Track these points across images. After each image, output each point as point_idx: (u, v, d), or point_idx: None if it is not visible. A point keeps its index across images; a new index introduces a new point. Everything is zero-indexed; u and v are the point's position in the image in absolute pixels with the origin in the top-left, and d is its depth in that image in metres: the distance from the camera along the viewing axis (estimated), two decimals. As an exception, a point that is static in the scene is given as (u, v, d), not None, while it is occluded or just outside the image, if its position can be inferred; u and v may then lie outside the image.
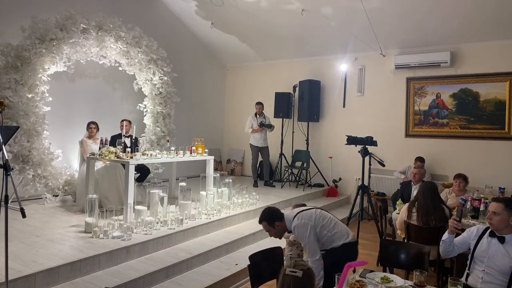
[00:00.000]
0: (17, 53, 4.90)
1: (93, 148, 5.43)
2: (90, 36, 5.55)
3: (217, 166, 8.82)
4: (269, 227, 2.90)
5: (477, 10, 5.73)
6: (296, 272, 1.73)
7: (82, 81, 6.40)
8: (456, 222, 2.65)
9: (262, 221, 2.92)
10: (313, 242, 2.81)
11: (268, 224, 2.89)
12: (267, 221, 2.90)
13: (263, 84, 8.81)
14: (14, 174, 4.81)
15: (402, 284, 2.22)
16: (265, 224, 2.91)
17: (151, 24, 7.17)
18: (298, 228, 2.83)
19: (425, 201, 3.66)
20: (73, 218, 4.57)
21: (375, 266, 4.14)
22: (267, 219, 2.90)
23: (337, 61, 7.79)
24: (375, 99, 7.42)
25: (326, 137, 8.02)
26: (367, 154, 3.72)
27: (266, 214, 2.93)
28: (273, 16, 7.10)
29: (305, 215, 2.88)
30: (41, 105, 5.18)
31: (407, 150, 6.90)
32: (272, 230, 2.91)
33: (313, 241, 2.81)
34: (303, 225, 2.82)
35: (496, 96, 6.30)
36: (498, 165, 6.18)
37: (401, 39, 6.84)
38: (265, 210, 2.97)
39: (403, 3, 5.97)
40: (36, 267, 3.04)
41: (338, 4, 6.38)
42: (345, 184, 7.68)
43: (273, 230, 2.91)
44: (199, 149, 5.50)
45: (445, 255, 2.80)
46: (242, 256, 4.04)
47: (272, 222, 2.88)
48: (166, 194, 4.60)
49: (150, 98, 6.71)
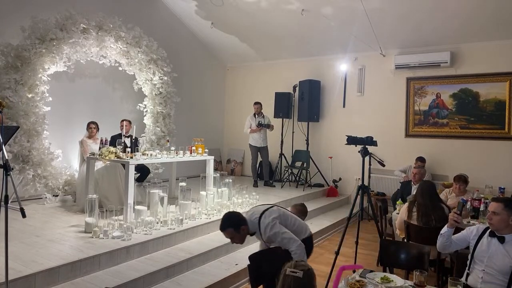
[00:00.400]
0: (17, 53, 4.90)
1: (93, 148, 5.43)
2: (90, 36, 5.55)
3: (217, 166, 8.82)
4: (235, 232, 2.73)
5: (477, 10, 5.73)
6: (296, 273, 1.73)
7: (82, 81, 6.40)
8: (457, 216, 2.65)
9: (227, 227, 2.73)
10: (288, 232, 2.77)
11: (235, 229, 2.72)
12: (233, 227, 2.72)
13: (263, 84, 8.82)
14: (14, 174, 4.81)
15: (402, 284, 2.22)
16: (231, 231, 2.73)
17: (151, 24, 7.17)
18: (271, 226, 2.74)
19: (424, 200, 3.65)
20: (73, 218, 4.57)
21: (375, 266, 4.14)
22: (233, 225, 2.73)
23: (337, 61, 7.79)
24: (375, 99, 7.42)
25: (326, 137, 8.02)
26: (367, 154, 3.71)
27: (231, 219, 2.76)
28: (273, 16, 7.10)
29: (271, 212, 2.83)
30: (41, 105, 5.18)
31: (407, 150, 6.90)
32: (237, 236, 2.75)
33: (287, 231, 2.78)
34: (274, 223, 2.76)
35: (496, 96, 6.30)
36: (498, 165, 6.18)
37: (401, 39, 6.84)
38: (228, 216, 2.81)
39: (403, 3, 5.97)
40: (36, 267, 3.04)
41: (338, 4, 6.38)
42: (345, 184, 7.68)
43: (238, 236, 2.75)
44: (199, 149, 5.50)
45: (441, 250, 2.79)
46: (242, 256, 4.04)
47: (238, 227, 2.73)
48: (166, 194, 4.60)
49: (150, 98, 6.72)
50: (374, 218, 3.94)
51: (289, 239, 2.73)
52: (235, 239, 2.77)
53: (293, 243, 2.72)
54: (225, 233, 2.74)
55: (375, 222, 3.88)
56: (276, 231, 2.73)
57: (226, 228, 2.72)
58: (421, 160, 6.17)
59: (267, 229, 2.74)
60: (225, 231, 2.73)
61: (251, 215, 2.84)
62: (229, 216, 2.80)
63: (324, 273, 3.80)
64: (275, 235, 2.74)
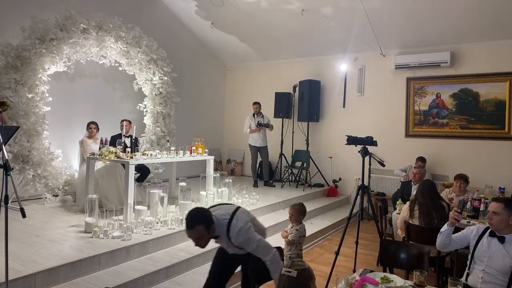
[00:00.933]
0: (17, 53, 4.90)
1: (93, 148, 5.43)
2: (90, 36, 5.55)
3: (217, 166, 8.82)
4: (205, 231, 2.25)
5: (477, 10, 5.73)
6: (290, 272, 1.73)
7: (82, 81, 6.40)
8: (457, 214, 2.65)
9: (197, 224, 2.24)
10: (263, 239, 2.44)
11: (206, 227, 2.25)
12: (204, 224, 2.25)
13: (263, 84, 8.82)
14: (14, 174, 4.81)
15: (402, 284, 2.22)
16: (201, 229, 2.24)
17: (151, 24, 7.17)
18: (245, 231, 2.36)
19: (424, 200, 3.66)
20: (73, 218, 4.57)
21: (375, 266, 4.14)
22: (203, 222, 2.25)
23: (337, 61, 7.79)
24: (375, 99, 7.42)
25: (326, 137, 8.02)
26: (367, 154, 3.71)
27: (203, 216, 2.30)
28: (273, 16, 7.10)
29: (243, 214, 2.45)
30: (41, 105, 5.18)
31: (407, 150, 6.90)
32: (206, 236, 2.27)
33: (262, 238, 2.44)
34: (248, 227, 2.38)
35: (496, 96, 6.30)
36: (498, 165, 6.18)
37: (401, 39, 6.84)
38: (197, 212, 2.33)
39: (403, 3, 5.97)
40: (36, 267, 3.04)
41: (338, 4, 6.38)
42: (345, 184, 7.68)
43: (207, 236, 2.28)
44: (199, 149, 5.51)
45: (441, 248, 2.80)
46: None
47: (209, 225, 2.26)
48: (166, 194, 4.60)
49: (150, 98, 6.71)
50: (374, 218, 3.94)
51: (264, 247, 2.39)
52: (202, 240, 2.28)
53: (268, 252, 2.38)
54: (193, 232, 2.24)
55: (375, 222, 3.88)
56: (250, 237, 2.36)
57: (196, 226, 2.22)
58: (422, 160, 6.17)
59: (240, 233, 2.33)
60: (194, 229, 2.23)
61: (219, 215, 2.39)
62: (198, 212, 2.32)
63: (324, 273, 3.81)
64: (248, 242, 2.36)
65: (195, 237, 2.26)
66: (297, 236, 3.37)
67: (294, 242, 3.37)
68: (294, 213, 3.46)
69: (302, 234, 3.41)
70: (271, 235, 4.97)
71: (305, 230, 3.46)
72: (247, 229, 2.36)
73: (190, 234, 2.27)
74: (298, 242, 3.39)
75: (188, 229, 2.26)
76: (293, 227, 3.44)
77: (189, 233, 2.27)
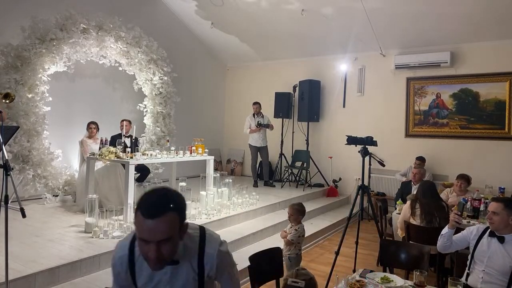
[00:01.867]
0: (17, 53, 4.90)
1: (93, 148, 5.43)
2: (90, 36, 5.55)
3: (217, 166, 8.82)
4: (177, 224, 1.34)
5: (477, 10, 5.73)
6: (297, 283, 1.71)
7: (82, 81, 6.40)
8: (458, 217, 2.66)
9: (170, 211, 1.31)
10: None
11: (179, 215, 1.35)
12: (178, 212, 1.34)
13: (263, 84, 8.82)
14: (14, 174, 4.81)
15: (402, 284, 2.22)
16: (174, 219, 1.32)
17: (151, 24, 7.17)
18: (229, 255, 1.64)
19: (426, 200, 3.67)
20: (73, 218, 4.57)
21: (375, 266, 4.14)
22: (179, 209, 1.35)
23: (337, 61, 7.79)
24: (375, 99, 7.42)
25: (326, 137, 8.02)
26: (367, 154, 3.71)
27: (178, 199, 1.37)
28: (273, 16, 7.10)
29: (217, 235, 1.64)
30: (41, 105, 5.18)
31: (407, 150, 6.90)
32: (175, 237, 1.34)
33: None
34: (230, 253, 1.68)
35: (496, 96, 6.30)
36: (498, 165, 6.18)
37: (401, 39, 6.84)
38: (166, 193, 1.37)
39: (403, 3, 5.97)
40: (36, 267, 3.04)
41: (338, 4, 6.38)
42: (345, 184, 7.68)
43: (176, 239, 1.35)
44: (199, 149, 5.51)
45: (441, 250, 2.80)
46: (242, 256, 4.01)
47: (184, 216, 1.39)
48: (166, 194, 4.59)
49: (150, 98, 6.72)
50: (374, 218, 3.94)
51: (237, 280, 1.70)
52: (168, 247, 1.32)
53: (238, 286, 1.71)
54: (161, 222, 1.28)
55: (375, 222, 3.88)
56: (231, 263, 1.67)
57: (168, 212, 1.30)
58: (421, 160, 6.17)
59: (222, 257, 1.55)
60: (164, 217, 1.28)
61: (189, 231, 1.50)
62: (167, 193, 1.36)
63: (324, 273, 3.81)
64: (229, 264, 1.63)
65: (161, 231, 1.27)
66: (296, 236, 3.37)
67: (293, 242, 3.37)
68: (293, 213, 3.46)
69: (301, 234, 3.41)
70: (270, 235, 4.98)
71: (304, 230, 3.47)
72: (229, 252, 1.62)
73: (153, 227, 1.26)
74: (297, 242, 3.40)
75: (153, 218, 1.26)
76: (292, 227, 3.44)
77: (151, 227, 1.26)
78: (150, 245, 1.30)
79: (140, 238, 1.31)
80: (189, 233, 1.48)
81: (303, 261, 3.66)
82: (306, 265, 4.33)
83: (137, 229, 1.32)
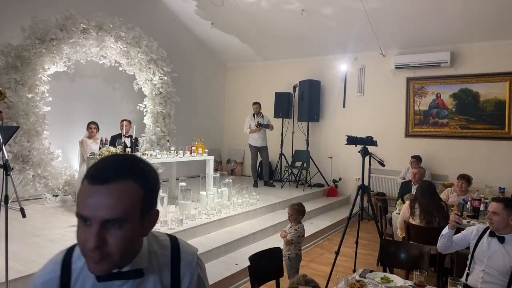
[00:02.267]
0: (17, 53, 4.90)
1: (93, 148, 5.43)
2: (90, 36, 5.55)
3: (217, 166, 8.82)
4: (134, 202, 0.92)
5: (477, 10, 5.73)
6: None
7: (82, 81, 6.40)
8: (458, 217, 2.66)
9: (128, 177, 0.92)
10: None
11: (142, 188, 0.94)
12: (140, 183, 0.94)
13: (263, 84, 8.82)
14: (14, 174, 4.80)
15: (402, 284, 2.22)
16: (130, 188, 0.91)
17: (151, 24, 7.17)
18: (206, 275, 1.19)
19: (425, 199, 3.67)
20: (73, 218, 4.47)
21: (375, 266, 4.14)
22: (141, 178, 0.95)
23: (337, 61, 7.79)
24: (375, 99, 7.42)
25: (326, 137, 8.02)
26: (367, 154, 3.71)
27: (141, 166, 0.98)
28: (273, 16, 7.10)
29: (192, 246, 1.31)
30: (41, 105, 5.18)
31: (407, 150, 6.89)
32: (132, 223, 0.91)
33: None
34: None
35: (496, 96, 6.30)
36: (498, 165, 6.18)
37: (401, 39, 6.84)
38: (135, 158, 1.00)
39: (403, 3, 5.97)
40: (36, 267, 3.03)
41: (338, 4, 6.38)
42: (345, 184, 7.68)
43: (128, 229, 0.91)
44: (199, 149, 5.51)
45: (442, 250, 2.80)
46: (242, 256, 4.04)
47: (151, 197, 1.00)
48: (166, 194, 4.60)
49: (150, 98, 6.71)
50: (374, 218, 3.94)
51: None
52: (122, 232, 0.90)
53: None
54: (111, 190, 0.89)
55: (375, 222, 3.88)
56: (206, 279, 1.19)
57: (123, 178, 0.91)
58: (417, 158, 6.18)
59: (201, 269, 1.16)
60: (115, 184, 0.90)
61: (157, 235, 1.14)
62: (127, 157, 1.01)
63: (324, 273, 3.81)
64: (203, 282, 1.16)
65: (108, 213, 0.88)
66: (296, 236, 3.37)
67: (293, 242, 3.37)
68: (293, 213, 3.46)
69: (301, 234, 3.41)
70: (270, 235, 4.98)
71: (304, 230, 3.47)
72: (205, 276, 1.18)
73: (98, 197, 0.88)
74: (297, 242, 3.40)
75: (101, 183, 0.89)
76: (292, 226, 3.44)
77: (94, 196, 0.88)
78: (91, 227, 0.86)
79: (80, 215, 0.88)
80: (157, 236, 1.10)
81: (303, 261, 3.66)
82: (306, 265, 4.33)
83: (78, 204, 0.90)
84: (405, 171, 6.53)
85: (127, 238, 0.90)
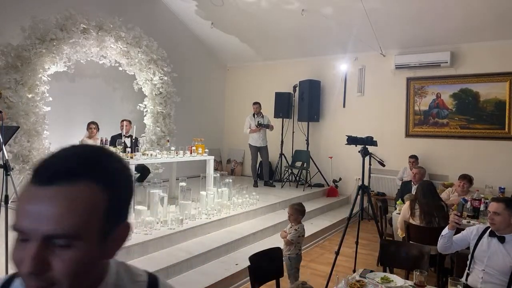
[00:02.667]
0: (17, 53, 4.90)
1: (93, 148, 5.42)
2: (90, 36, 5.55)
3: (217, 166, 8.81)
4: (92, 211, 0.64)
5: (477, 10, 5.73)
6: None
7: (82, 81, 6.40)
8: (458, 217, 2.66)
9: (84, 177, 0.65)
10: None
11: (105, 192, 0.66)
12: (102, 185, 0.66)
13: (263, 84, 8.82)
14: (14, 174, 4.80)
15: (402, 284, 2.22)
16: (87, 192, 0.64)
17: (151, 24, 7.17)
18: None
19: (425, 200, 3.67)
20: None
21: (375, 266, 4.14)
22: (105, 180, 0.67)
23: (337, 61, 7.79)
24: (375, 99, 7.42)
25: (326, 137, 8.02)
26: (367, 154, 3.71)
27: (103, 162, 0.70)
28: (273, 16, 7.10)
29: None
30: (41, 105, 5.17)
31: (407, 150, 6.89)
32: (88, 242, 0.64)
33: None
34: None
35: (496, 96, 6.30)
36: (498, 165, 6.18)
37: (401, 39, 6.84)
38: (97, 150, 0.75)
39: (403, 3, 5.97)
40: (36, 267, 3.03)
41: (338, 4, 6.38)
42: (345, 184, 7.68)
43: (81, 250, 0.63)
44: (199, 149, 5.51)
45: (442, 251, 2.80)
46: (242, 256, 4.04)
47: (120, 206, 0.70)
48: (166, 194, 4.60)
49: (150, 98, 6.71)
50: (374, 218, 3.94)
51: None
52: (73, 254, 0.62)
53: None
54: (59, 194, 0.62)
55: (375, 222, 3.88)
56: None
57: (78, 179, 0.64)
58: (415, 158, 6.19)
59: None
60: (66, 187, 0.63)
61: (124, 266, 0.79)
62: (86, 150, 0.75)
63: (324, 273, 3.81)
64: None
65: (51, 226, 0.61)
66: (296, 236, 3.37)
67: (293, 242, 3.37)
68: (293, 213, 3.46)
69: (301, 234, 3.41)
70: (270, 235, 4.98)
71: (304, 230, 3.47)
72: None
73: (40, 204, 0.62)
74: (297, 242, 3.40)
75: (46, 184, 0.63)
76: (292, 227, 3.44)
77: (36, 202, 0.62)
78: (29, 245, 0.62)
79: (16, 229, 0.64)
80: (131, 269, 0.80)
81: (303, 261, 3.66)
82: (306, 265, 4.33)
83: (14, 212, 0.68)
84: (403, 171, 6.53)
85: (79, 262, 0.63)
